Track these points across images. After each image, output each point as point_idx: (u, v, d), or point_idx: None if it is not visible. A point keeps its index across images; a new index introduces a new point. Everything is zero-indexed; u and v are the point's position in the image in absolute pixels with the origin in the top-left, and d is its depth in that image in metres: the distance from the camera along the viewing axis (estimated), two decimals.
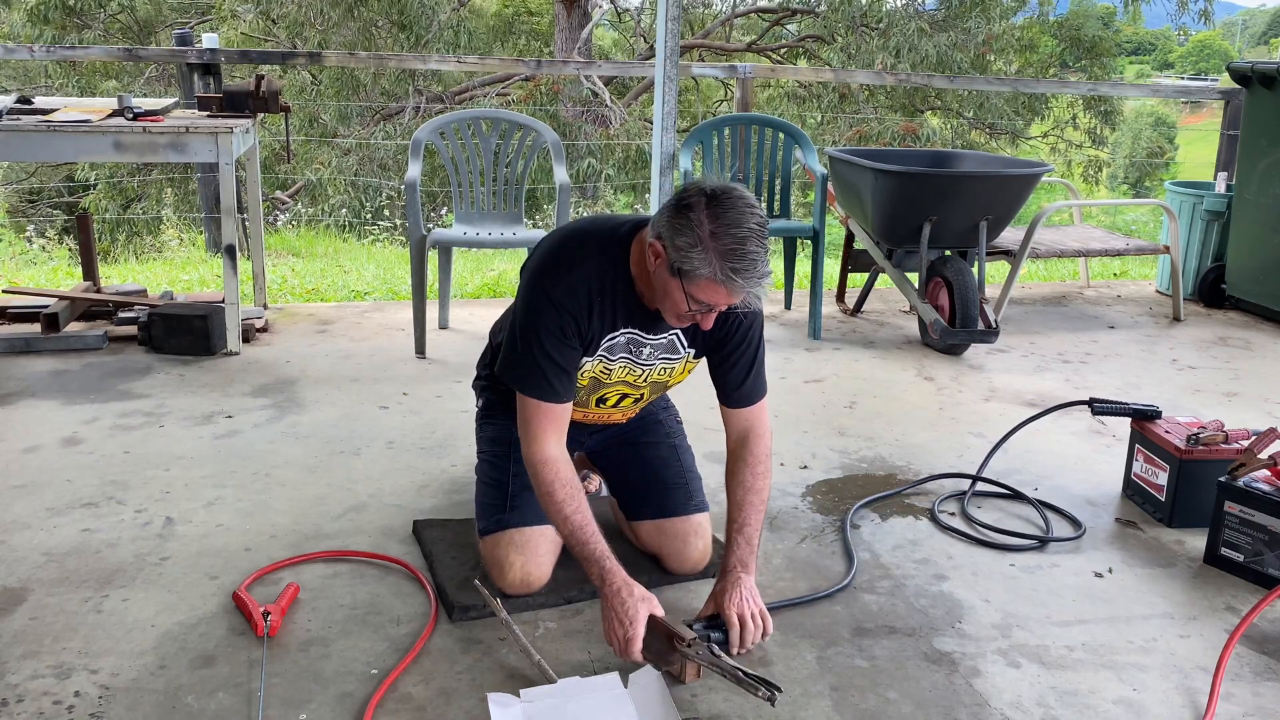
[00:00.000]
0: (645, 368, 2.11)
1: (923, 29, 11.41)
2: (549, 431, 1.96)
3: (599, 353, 2.02)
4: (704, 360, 2.15)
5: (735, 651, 1.87)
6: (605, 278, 1.94)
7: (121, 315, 3.97)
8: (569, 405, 1.99)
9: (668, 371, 2.14)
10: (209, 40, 5.36)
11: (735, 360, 2.08)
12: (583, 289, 1.93)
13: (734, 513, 2.04)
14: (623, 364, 2.08)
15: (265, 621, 1.95)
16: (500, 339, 2.15)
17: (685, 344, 2.10)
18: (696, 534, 2.21)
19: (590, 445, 2.34)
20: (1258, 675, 1.96)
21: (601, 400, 2.17)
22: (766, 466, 2.08)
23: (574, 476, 1.96)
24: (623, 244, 1.96)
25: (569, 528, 1.92)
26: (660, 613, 1.86)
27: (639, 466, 2.29)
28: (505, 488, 2.16)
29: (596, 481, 2.57)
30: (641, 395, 2.19)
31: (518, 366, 1.97)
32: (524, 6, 14.72)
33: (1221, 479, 2.36)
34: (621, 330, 2.01)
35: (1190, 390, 3.67)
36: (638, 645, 1.82)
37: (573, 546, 1.93)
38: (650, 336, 2.05)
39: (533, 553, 2.09)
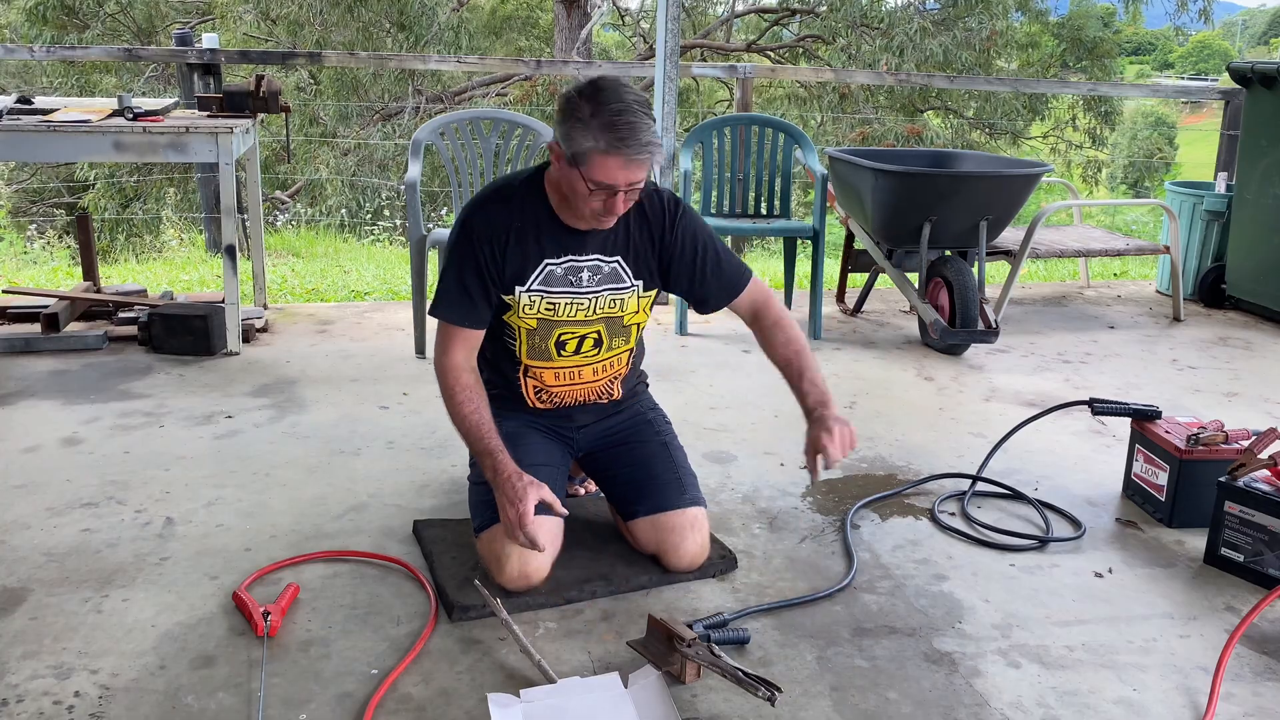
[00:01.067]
0: (589, 298, 2.15)
1: (925, 27, 11.40)
2: (458, 347, 2.10)
3: (535, 285, 2.11)
4: (670, 300, 2.22)
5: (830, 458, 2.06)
6: (525, 206, 2.09)
7: (121, 315, 3.97)
8: (478, 333, 2.12)
9: (617, 304, 2.18)
10: (209, 40, 5.36)
11: (698, 270, 2.19)
12: (500, 218, 2.08)
13: (789, 371, 2.21)
14: (565, 297, 2.14)
15: (265, 621, 1.95)
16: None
17: (630, 273, 2.16)
18: (692, 527, 2.21)
19: (581, 446, 2.34)
20: (1258, 675, 1.96)
21: (561, 346, 2.19)
22: (790, 320, 2.25)
23: (476, 386, 2.08)
24: (540, 173, 2.12)
25: (466, 425, 2.04)
26: (550, 498, 1.98)
27: (630, 466, 2.29)
28: None
29: (592, 485, 2.57)
30: (599, 336, 2.20)
31: (436, 294, 2.13)
32: (524, 4, 14.72)
33: (1221, 479, 2.36)
34: (550, 260, 2.10)
35: (1190, 390, 3.67)
36: (529, 520, 1.94)
37: (470, 444, 2.06)
38: (584, 258, 2.13)
39: None
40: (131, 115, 3.64)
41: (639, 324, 2.26)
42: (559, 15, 11.58)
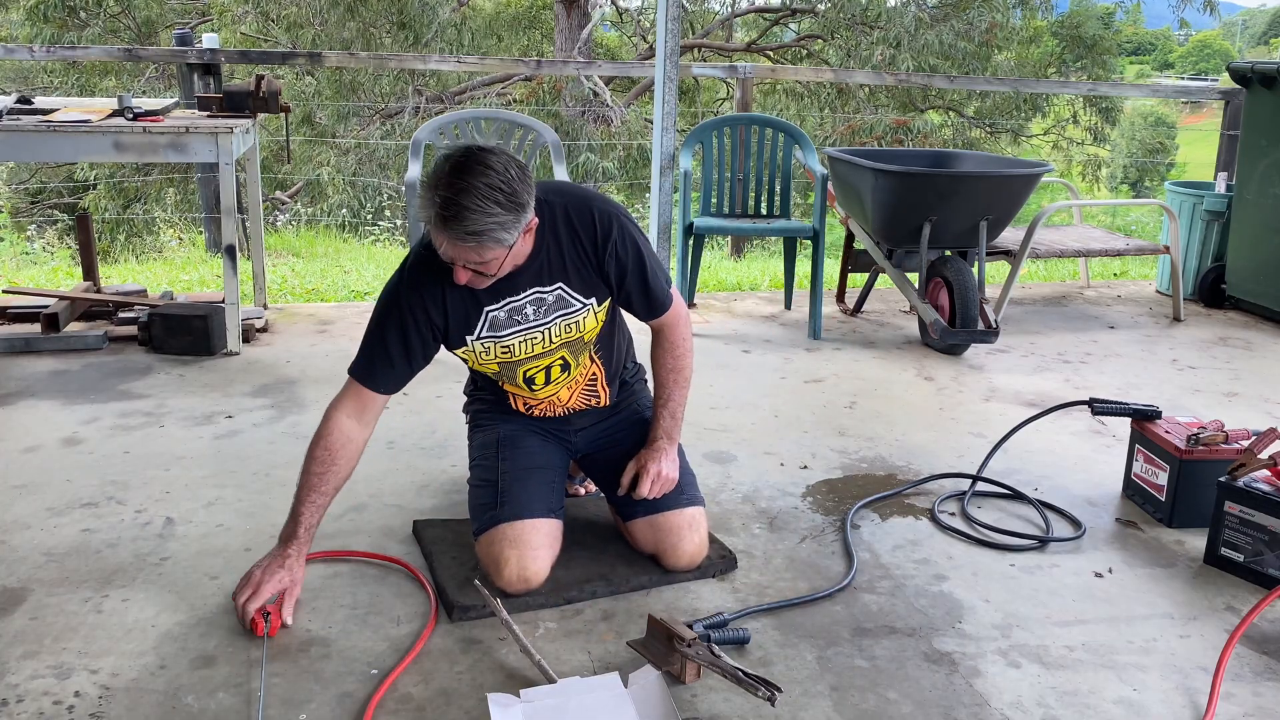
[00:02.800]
0: (542, 329, 2.11)
1: (922, 18, 11.38)
2: (349, 402, 2.08)
3: (484, 334, 2.09)
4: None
5: (633, 492, 2.16)
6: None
7: (121, 315, 3.97)
8: (379, 397, 2.09)
9: (573, 327, 2.14)
10: (209, 40, 5.36)
11: (629, 287, 2.16)
12: (432, 275, 2.02)
13: (658, 391, 2.26)
14: (517, 337, 2.11)
15: (265, 621, 1.95)
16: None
17: (579, 295, 2.12)
18: (691, 527, 2.21)
19: (579, 448, 2.34)
20: (1258, 675, 1.96)
21: (530, 381, 2.18)
22: (685, 349, 2.26)
23: (342, 448, 2.05)
24: None
25: (301, 477, 2.06)
26: (294, 594, 2.01)
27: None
28: (495, 485, 2.17)
29: (591, 485, 2.58)
30: (565, 360, 2.18)
31: (359, 350, 2.11)
32: (526, 5, 14.73)
33: (1221, 479, 2.36)
34: (489, 307, 2.06)
35: (1190, 390, 3.67)
36: (251, 605, 1.96)
37: (296, 492, 2.06)
38: (520, 296, 2.07)
39: (527, 545, 2.08)
40: (131, 115, 3.64)
41: (599, 335, 2.21)
42: (559, 15, 11.58)
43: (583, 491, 2.58)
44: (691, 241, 4.31)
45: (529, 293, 2.07)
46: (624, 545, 2.29)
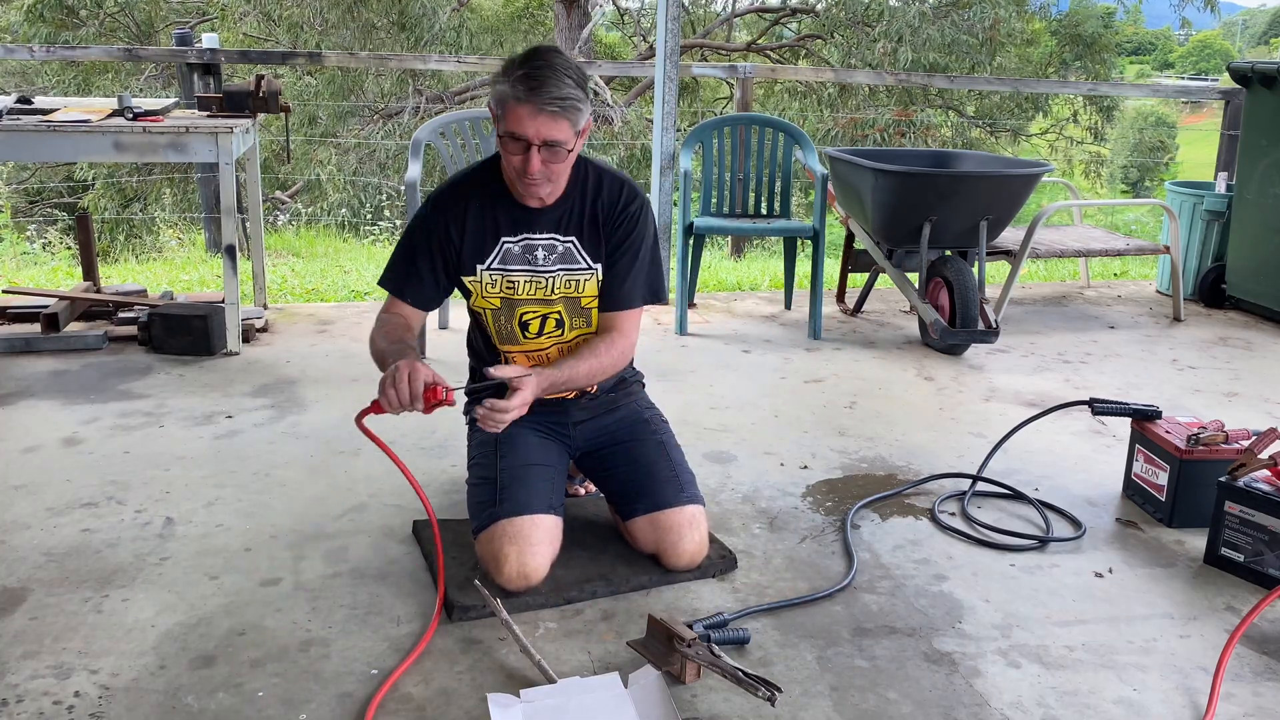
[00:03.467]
0: (547, 277, 2.19)
1: (924, 13, 11.37)
2: (395, 309, 2.20)
3: (494, 264, 2.17)
4: None
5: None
6: (482, 186, 2.17)
7: (121, 315, 3.97)
8: (414, 313, 2.21)
9: (573, 285, 2.21)
10: (209, 40, 5.36)
11: (617, 259, 2.21)
12: (460, 198, 2.16)
13: (569, 354, 2.21)
14: (524, 275, 2.19)
15: (444, 395, 1.93)
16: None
17: (588, 256, 2.20)
18: (691, 525, 2.21)
19: (578, 445, 2.34)
20: (1258, 675, 1.96)
21: (525, 326, 2.23)
22: (615, 353, 2.21)
23: (399, 328, 2.15)
24: (497, 158, 2.16)
25: (380, 359, 2.09)
26: (429, 377, 1.95)
27: (628, 465, 2.29)
28: (494, 483, 2.17)
29: (591, 486, 2.57)
30: (561, 317, 2.23)
31: (386, 265, 2.23)
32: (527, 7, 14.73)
33: (1221, 479, 2.36)
34: (506, 238, 2.16)
35: (1190, 390, 3.67)
36: (416, 381, 1.93)
37: (383, 370, 2.04)
38: (539, 236, 2.17)
39: (526, 542, 2.08)
40: (131, 115, 3.64)
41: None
42: (559, 15, 11.59)
43: (582, 492, 2.58)
44: (691, 241, 4.31)
45: (547, 235, 2.18)
46: (624, 545, 2.29)
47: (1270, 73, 4.37)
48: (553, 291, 2.20)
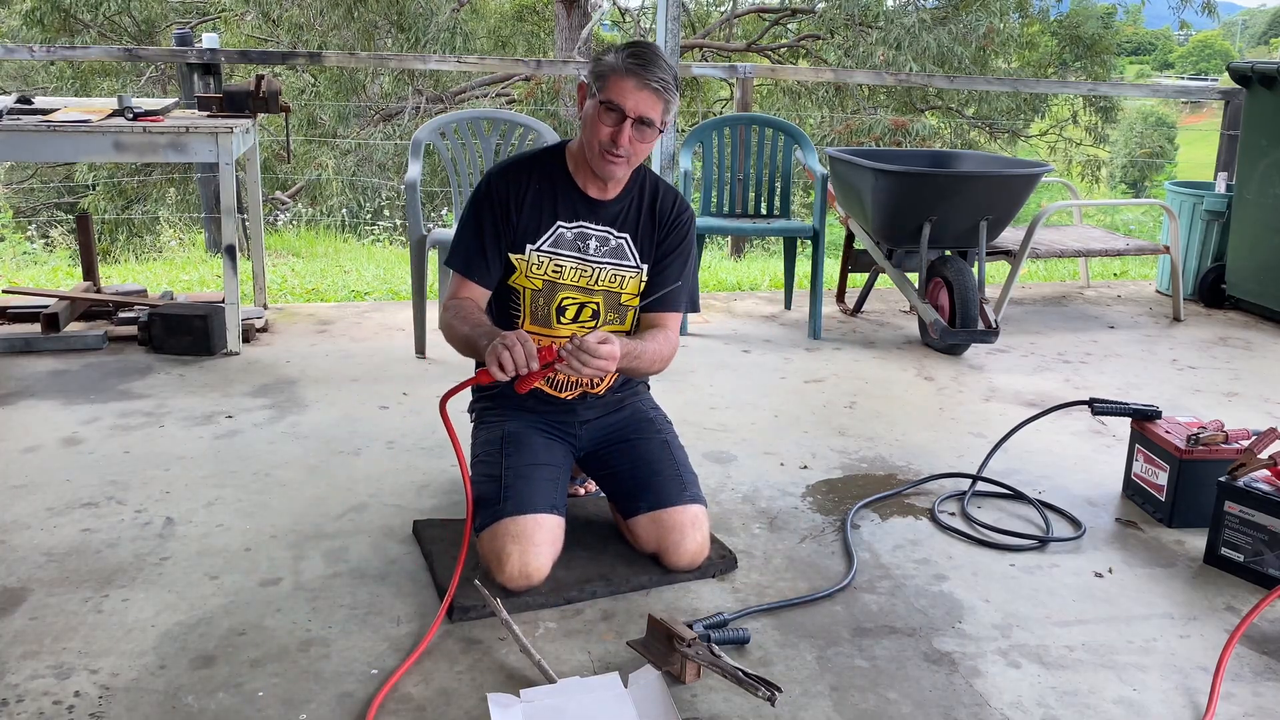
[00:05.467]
0: (595, 267, 2.22)
1: (923, 20, 11.39)
2: (464, 292, 2.20)
3: (545, 246, 2.20)
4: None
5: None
6: (546, 169, 2.21)
7: (121, 315, 3.97)
8: (484, 292, 2.21)
9: (618, 280, 2.25)
10: (209, 40, 5.35)
11: (668, 263, 2.28)
12: (521, 177, 2.19)
13: (636, 337, 2.22)
14: (572, 261, 2.22)
15: (558, 353, 1.93)
16: None
17: (636, 255, 2.25)
18: (693, 525, 2.21)
19: (583, 444, 2.34)
20: (1258, 675, 1.96)
21: (562, 311, 2.24)
22: (669, 349, 2.24)
23: (478, 317, 2.14)
24: (563, 144, 2.25)
25: (468, 341, 2.08)
26: (530, 346, 1.94)
27: (631, 463, 2.29)
28: (499, 481, 2.17)
29: (592, 485, 2.58)
30: (597, 309, 2.26)
31: (451, 247, 2.25)
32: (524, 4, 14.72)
33: (1221, 479, 2.36)
34: (562, 223, 2.20)
35: (1190, 390, 3.67)
36: (529, 342, 1.93)
37: (476, 350, 2.06)
38: (595, 226, 2.22)
39: (529, 541, 2.08)
40: (131, 115, 3.64)
41: (634, 308, 2.31)
42: (559, 15, 11.58)
43: (583, 491, 2.58)
44: None
45: (603, 228, 2.23)
46: (624, 545, 2.29)
47: (1270, 73, 4.37)
48: (597, 282, 2.24)
